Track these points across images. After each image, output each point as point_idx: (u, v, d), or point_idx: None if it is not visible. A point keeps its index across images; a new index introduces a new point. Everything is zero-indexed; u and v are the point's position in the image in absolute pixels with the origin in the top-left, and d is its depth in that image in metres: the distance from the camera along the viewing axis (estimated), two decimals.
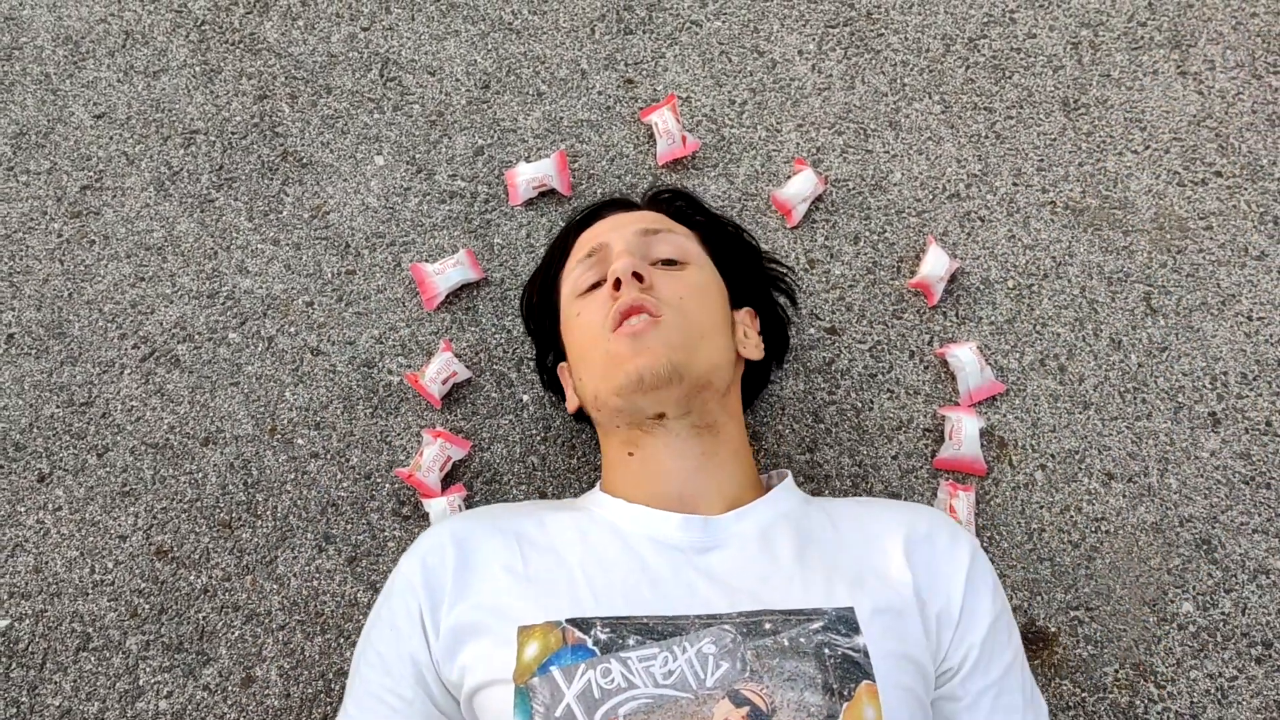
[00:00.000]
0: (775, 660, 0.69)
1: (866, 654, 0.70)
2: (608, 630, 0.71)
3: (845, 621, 0.71)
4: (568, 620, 0.72)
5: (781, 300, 1.05)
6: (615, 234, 0.90)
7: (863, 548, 0.79)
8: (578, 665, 0.69)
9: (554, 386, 1.04)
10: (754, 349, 0.93)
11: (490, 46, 1.31)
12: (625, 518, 0.82)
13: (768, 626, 0.71)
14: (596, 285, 0.89)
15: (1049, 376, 1.12)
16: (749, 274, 1.00)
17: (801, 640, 0.70)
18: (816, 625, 0.71)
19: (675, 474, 0.83)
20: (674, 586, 0.75)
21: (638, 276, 0.83)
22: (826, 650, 0.69)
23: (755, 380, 1.03)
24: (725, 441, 0.86)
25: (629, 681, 0.68)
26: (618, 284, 0.84)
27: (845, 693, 0.67)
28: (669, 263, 0.89)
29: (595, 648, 0.70)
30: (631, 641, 0.70)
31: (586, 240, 0.94)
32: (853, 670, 0.69)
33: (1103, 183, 1.22)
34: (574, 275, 0.91)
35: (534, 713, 0.68)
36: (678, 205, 1.00)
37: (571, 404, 0.96)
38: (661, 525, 0.80)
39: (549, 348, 1.02)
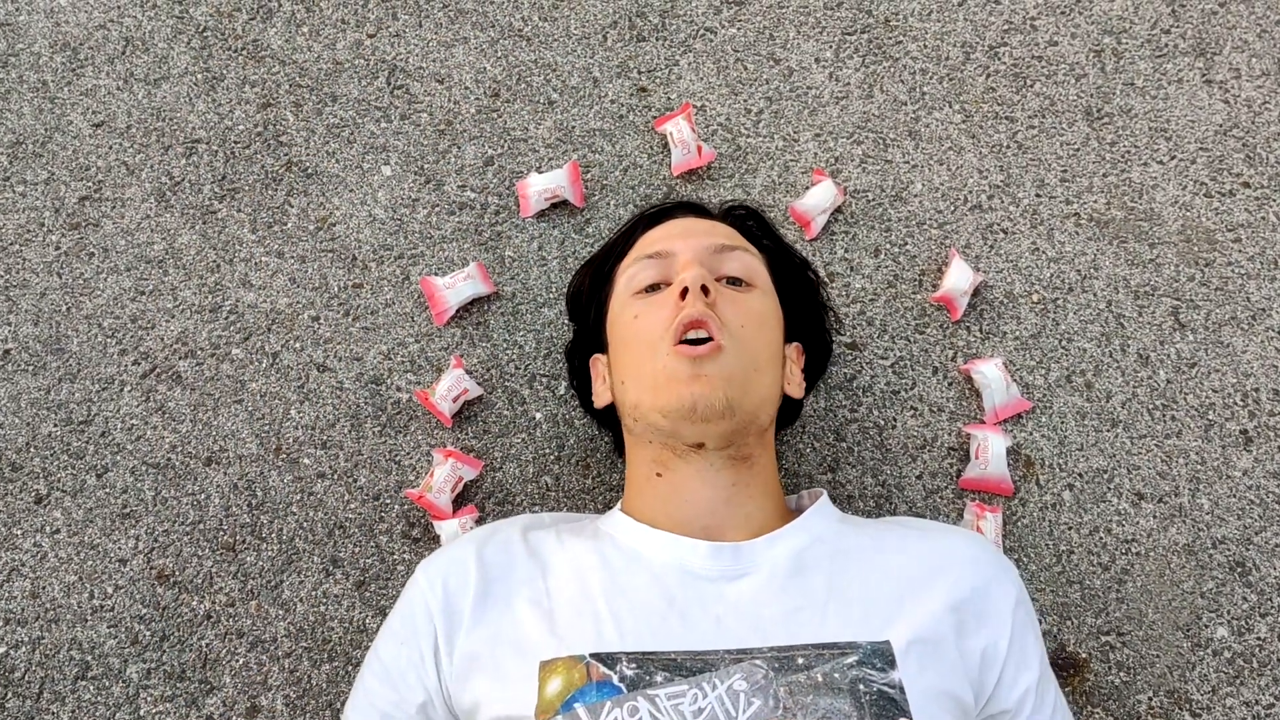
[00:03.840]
0: (809, 697, 0.66)
1: (903, 690, 0.67)
2: (634, 666, 0.68)
3: (881, 655, 0.69)
4: (591, 655, 0.69)
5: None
6: (685, 242, 0.87)
7: (901, 575, 0.76)
8: (603, 703, 0.66)
9: (580, 378, 1.00)
10: (797, 387, 0.90)
11: (500, 54, 1.28)
12: (651, 546, 0.79)
13: (800, 661, 0.68)
14: (654, 287, 0.86)
15: (1076, 393, 1.09)
16: (807, 310, 0.97)
17: (835, 676, 0.67)
18: (851, 660, 0.68)
19: (703, 502, 0.80)
20: (703, 620, 0.72)
21: (704, 290, 0.80)
22: (861, 686, 0.67)
23: (786, 414, 1.00)
24: (757, 474, 0.83)
25: None
26: (684, 293, 0.80)
27: None
28: (734, 281, 0.85)
29: (621, 684, 0.67)
30: (659, 678, 0.67)
31: (653, 240, 0.90)
32: (888, 707, 0.66)
33: (1128, 194, 1.19)
34: (631, 271, 0.87)
35: None
36: (749, 225, 0.97)
37: (601, 399, 0.92)
38: (689, 554, 0.77)
39: (588, 339, 0.97)
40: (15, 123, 1.24)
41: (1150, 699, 0.97)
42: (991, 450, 1.04)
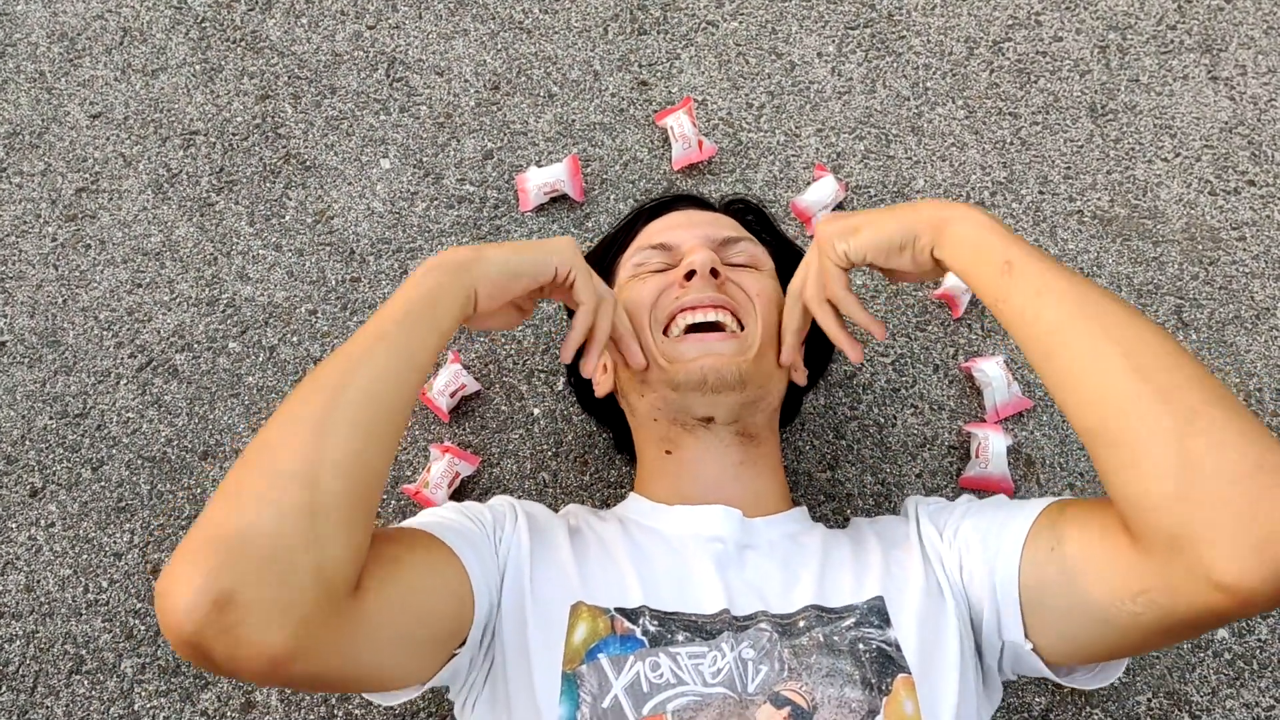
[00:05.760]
0: (813, 658, 0.68)
1: (898, 647, 0.69)
2: (656, 623, 0.70)
3: (877, 612, 0.71)
4: (616, 609, 0.70)
5: None
6: (689, 232, 0.88)
7: (885, 547, 0.79)
8: (626, 656, 0.68)
9: (578, 376, 1.00)
10: (800, 375, 0.91)
11: (500, 46, 1.27)
12: (667, 520, 0.80)
13: (801, 624, 0.70)
14: (658, 273, 0.87)
15: None
16: None
17: (835, 638, 0.69)
18: (849, 621, 0.70)
19: (712, 477, 0.82)
20: (716, 586, 0.74)
21: (714, 274, 0.82)
22: (861, 645, 0.69)
23: (788, 407, 1.00)
24: (764, 455, 0.84)
25: (678, 678, 0.67)
26: (689, 275, 0.82)
27: (883, 687, 0.66)
28: (741, 267, 0.87)
29: (644, 638, 0.69)
30: (680, 638, 0.69)
31: (656, 231, 0.90)
32: (888, 664, 0.68)
33: (1132, 191, 1.18)
34: (635, 260, 0.88)
35: (581, 701, 0.66)
36: (750, 219, 0.97)
37: (603, 388, 0.92)
38: (702, 519, 0.79)
39: None
40: (12, 113, 1.24)
41: (1150, 700, 0.97)
42: (992, 449, 1.03)
